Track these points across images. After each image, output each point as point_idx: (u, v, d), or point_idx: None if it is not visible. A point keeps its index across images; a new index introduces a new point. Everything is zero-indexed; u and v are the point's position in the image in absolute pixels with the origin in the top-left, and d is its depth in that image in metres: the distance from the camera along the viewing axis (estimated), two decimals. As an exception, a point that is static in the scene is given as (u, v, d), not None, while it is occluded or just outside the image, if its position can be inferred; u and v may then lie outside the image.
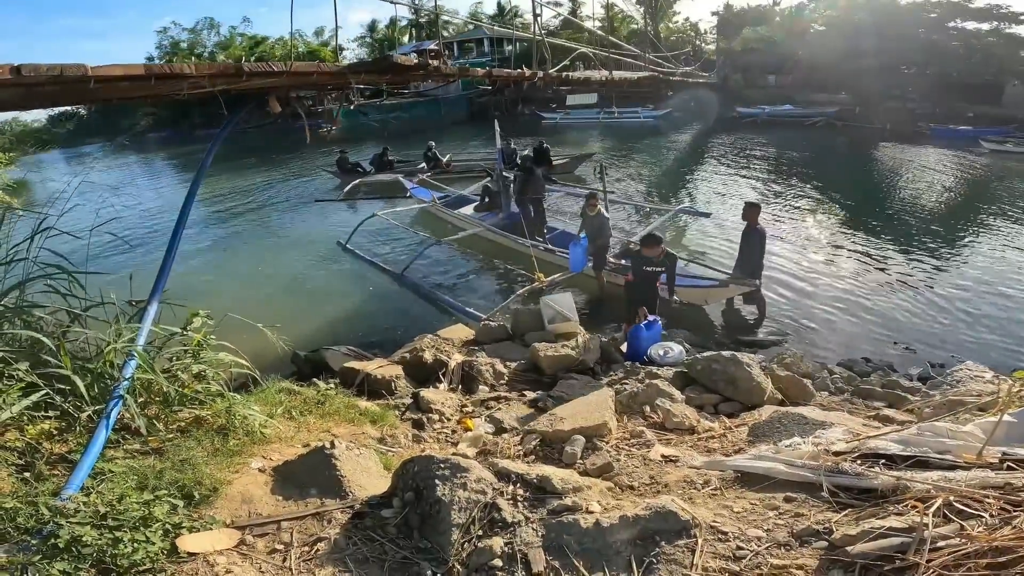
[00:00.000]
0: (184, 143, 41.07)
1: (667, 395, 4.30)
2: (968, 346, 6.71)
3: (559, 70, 11.22)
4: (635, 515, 2.17)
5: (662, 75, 22.36)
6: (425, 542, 2.41)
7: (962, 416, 2.92)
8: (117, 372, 3.21)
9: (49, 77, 3.12)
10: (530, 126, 33.45)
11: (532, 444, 3.55)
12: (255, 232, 14.75)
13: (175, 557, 2.30)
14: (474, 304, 8.30)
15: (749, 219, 7.38)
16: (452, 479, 2.50)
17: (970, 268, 9.35)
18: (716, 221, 12.09)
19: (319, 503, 2.80)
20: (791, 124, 27.94)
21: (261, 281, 10.45)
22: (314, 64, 5.33)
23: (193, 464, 2.84)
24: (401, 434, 4.06)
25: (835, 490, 2.20)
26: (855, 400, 4.99)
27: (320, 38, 51.05)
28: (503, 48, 41.53)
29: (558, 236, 10.42)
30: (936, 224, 12.15)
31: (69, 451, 2.93)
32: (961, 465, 2.16)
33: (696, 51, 40.79)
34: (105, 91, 3.82)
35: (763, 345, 7.03)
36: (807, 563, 1.89)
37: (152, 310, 3.75)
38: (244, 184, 21.36)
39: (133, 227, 15.66)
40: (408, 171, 17.73)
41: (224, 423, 3.30)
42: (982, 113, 24.09)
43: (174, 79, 3.93)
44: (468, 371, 5.39)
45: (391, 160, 18.94)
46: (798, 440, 2.81)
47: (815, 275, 9.20)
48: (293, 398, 4.13)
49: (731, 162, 19.96)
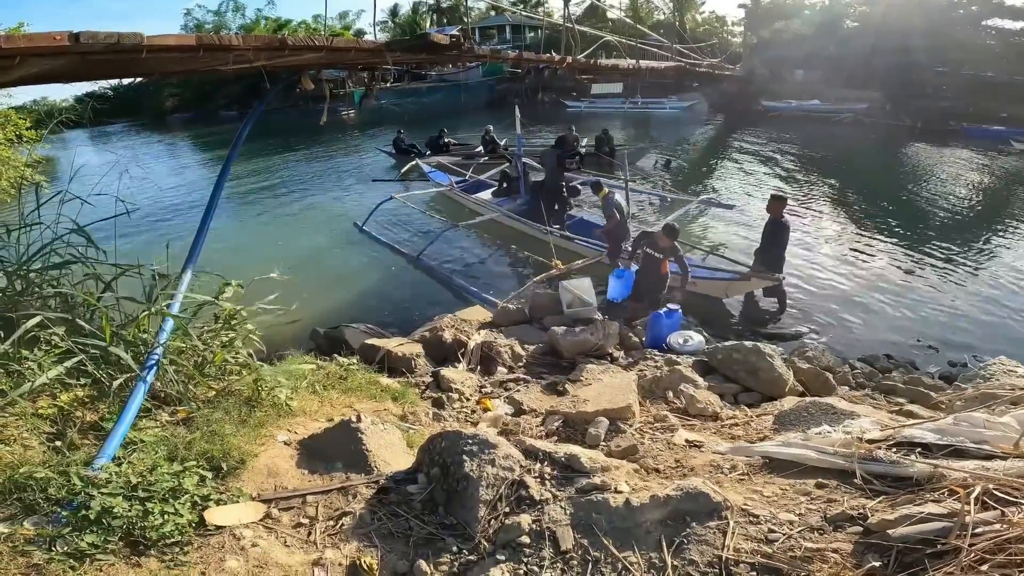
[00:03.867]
0: (208, 123, 41.28)
1: (691, 381, 4.28)
2: (995, 344, 6.56)
3: (587, 56, 11.12)
4: (666, 495, 2.17)
5: (688, 66, 22.06)
6: (451, 518, 2.42)
7: (997, 409, 2.87)
8: (152, 338, 3.24)
9: (106, 45, 3.09)
10: (551, 114, 33.25)
11: (555, 425, 3.56)
12: (276, 211, 14.82)
13: (202, 529, 2.32)
14: (490, 289, 8.29)
15: (773, 212, 7.29)
16: (480, 455, 2.51)
17: (996, 268, 9.15)
18: (738, 214, 11.95)
19: (344, 477, 2.82)
20: (818, 120, 27.43)
21: (281, 257, 10.48)
22: (353, 40, 5.34)
23: (221, 436, 2.85)
24: (422, 412, 4.09)
25: (868, 477, 2.17)
26: (876, 396, 4.93)
27: (343, 21, 51.14)
28: (524, 35, 41.27)
29: (576, 223, 10.35)
30: (962, 223, 11.92)
31: (101, 418, 2.95)
32: (998, 455, 2.13)
33: (723, 44, 40.24)
34: (155, 62, 3.83)
35: (783, 338, 6.95)
36: (842, 547, 1.87)
37: (187, 278, 3.78)
38: (264, 165, 21.47)
39: (158, 204, 15.82)
40: (465, 154, 17.45)
41: (251, 395, 3.33)
42: (1016, 113, 23.50)
43: (222, 51, 3.95)
44: (487, 352, 5.40)
45: (447, 142, 18.74)
46: (827, 428, 2.78)
47: (837, 270, 9.07)
48: (317, 372, 4.16)
49: (755, 156, 19.68)
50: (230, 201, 15.98)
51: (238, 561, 2.22)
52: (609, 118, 28.69)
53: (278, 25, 47.45)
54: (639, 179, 15.59)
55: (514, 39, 41.78)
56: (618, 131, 24.71)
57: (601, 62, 12.53)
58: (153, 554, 2.17)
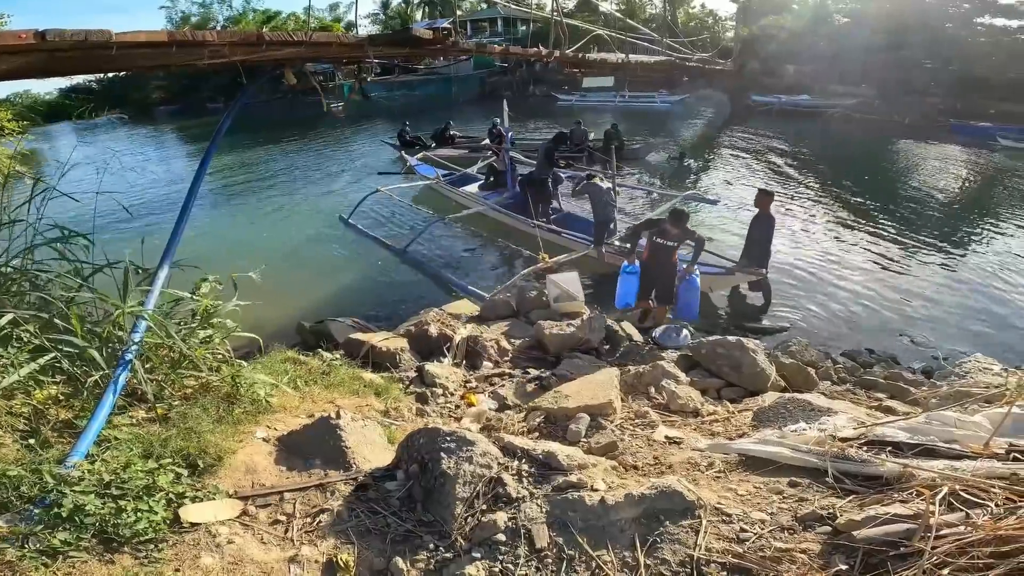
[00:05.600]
0: (195, 116, 40.91)
1: (672, 376, 4.30)
2: (974, 341, 6.64)
3: (576, 51, 11.10)
4: (640, 494, 2.17)
5: (678, 60, 22.06)
6: (428, 515, 2.42)
7: (970, 407, 2.90)
8: (125, 336, 3.21)
9: (73, 42, 3.08)
10: (542, 108, 33.16)
11: (536, 421, 3.56)
12: (262, 205, 14.71)
13: (177, 527, 2.31)
14: (477, 283, 8.27)
15: (761, 206, 7.32)
16: (458, 452, 2.51)
17: (978, 263, 9.25)
18: (723, 208, 11.97)
19: (323, 474, 2.81)
20: (807, 114, 27.55)
21: (265, 251, 10.44)
22: (333, 35, 5.29)
23: (198, 433, 2.83)
24: (405, 407, 4.07)
25: (840, 476, 2.19)
26: (857, 391, 4.99)
27: (334, 13, 50.71)
28: (517, 28, 41.13)
29: (563, 217, 10.34)
30: (947, 219, 12.01)
31: (75, 416, 2.92)
32: (968, 455, 2.15)
33: (714, 38, 40.28)
34: (126, 59, 3.79)
35: (768, 332, 7.00)
36: (810, 547, 1.89)
37: (163, 274, 3.74)
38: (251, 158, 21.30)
39: (140, 197, 15.66)
40: (472, 147, 17.28)
41: (230, 391, 3.30)
42: (1005, 111, 23.66)
43: (195, 46, 3.90)
44: (473, 347, 5.39)
45: (453, 135, 18.65)
46: (803, 426, 2.80)
47: (822, 264, 9.13)
48: (298, 368, 4.13)
49: (742, 150, 19.75)
50: (216, 195, 15.86)
51: (213, 558, 2.21)
52: (600, 112, 28.66)
53: (266, 17, 46.99)
54: (645, 174, 15.64)
55: (506, 32, 41.65)
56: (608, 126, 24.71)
57: (589, 56, 12.50)
58: (127, 551, 2.15)
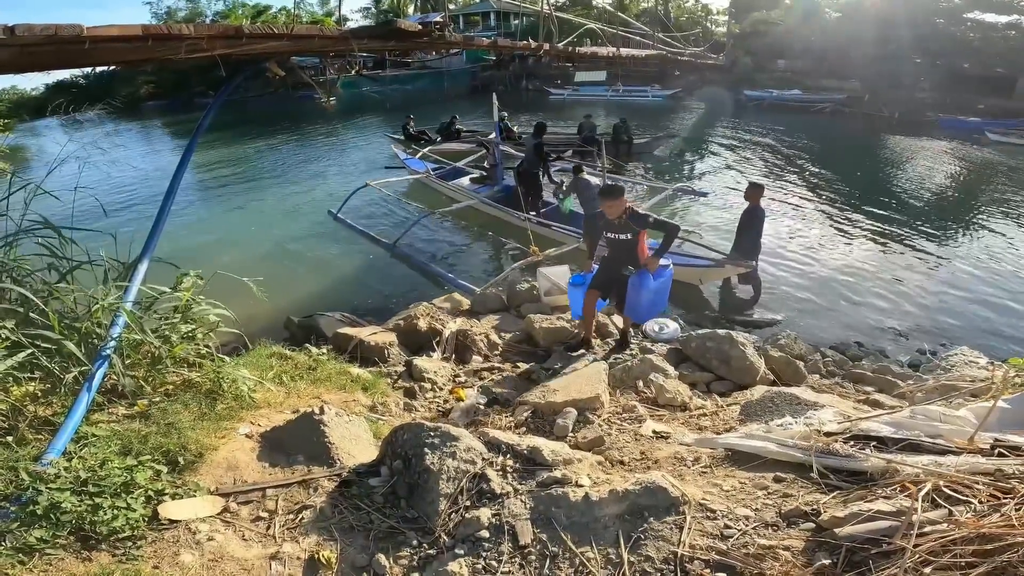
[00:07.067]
0: (183, 111, 40.49)
1: (661, 371, 4.29)
2: (962, 334, 6.67)
3: (566, 44, 11.05)
4: (624, 490, 2.16)
5: (670, 55, 22.05)
6: (412, 512, 2.40)
7: (955, 401, 2.90)
8: (105, 331, 3.16)
9: (44, 37, 3.01)
10: (534, 102, 33.09)
11: (524, 416, 3.54)
12: (251, 199, 14.60)
13: (156, 524, 2.28)
14: (468, 276, 8.25)
15: (752, 199, 7.31)
16: (441, 448, 2.48)
17: (965, 257, 9.31)
18: (713, 201, 11.99)
19: (306, 470, 2.78)
20: (798, 109, 27.69)
21: (254, 246, 10.40)
22: (316, 28, 5.20)
23: (179, 429, 2.79)
24: (392, 402, 4.05)
25: (825, 471, 2.18)
26: (846, 384, 5.01)
27: (325, 7, 50.31)
28: (510, 22, 40.97)
29: (553, 210, 10.31)
30: (933, 213, 12.09)
31: (53, 414, 2.88)
32: (953, 450, 2.14)
33: (706, 33, 40.34)
34: (102, 54, 3.72)
35: (757, 325, 7.01)
36: (794, 544, 1.87)
37: (142, 269, 3.68)
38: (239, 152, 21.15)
39: (125, 192, 15.50)
40: (477, 141, 17.15)
41: (212, 387, 3.26)
42: (993, 105, 23.84)
43: (172, 40, 3.82)
44: (462, 341, 5.36)
45: (459, 129, 18.47)
46: (789, 420, 2.80)
47: (811, 258, 9.17)
48: (284, 363, 4.08)
49: (733, 144, 19.79)
50: (204, 189, 15.72)
51: (193, 555, 2.18)
52: (592, 106, 28.61)
53: (256, 12, 46.60)
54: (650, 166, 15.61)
55: (498, 27, 41.48)
56: (601, 119, 24.68)
57: (580, 49, 12.45)
58: (104, 548, 2.13)
